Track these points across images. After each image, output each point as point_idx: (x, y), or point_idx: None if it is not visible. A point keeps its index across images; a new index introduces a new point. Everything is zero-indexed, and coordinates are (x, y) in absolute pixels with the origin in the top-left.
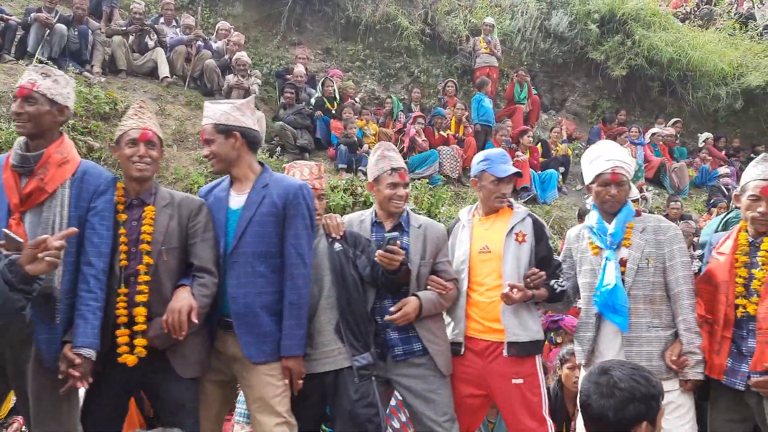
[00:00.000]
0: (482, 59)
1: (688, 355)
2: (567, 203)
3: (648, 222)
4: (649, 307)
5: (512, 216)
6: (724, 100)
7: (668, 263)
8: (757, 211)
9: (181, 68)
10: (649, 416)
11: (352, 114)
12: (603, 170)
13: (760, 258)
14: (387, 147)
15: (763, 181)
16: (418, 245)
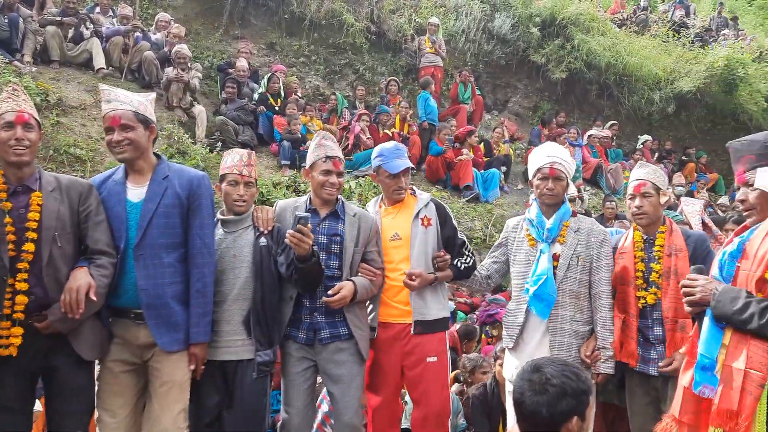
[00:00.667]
0: (427, 59)
1: (601, 351)
2: (508, 202)
3: (582, 224)
4: (574, 302)
5: (416, 202)
6: (658, 104)
7: (595, 264)
8: (634, 207)
9: (117, 59)
10: (580, 410)
11: (296, 110)
12: (542, 165)
13: (655, 252)
14: (324, 136)
15: (637, 181)
16: (353, 233)
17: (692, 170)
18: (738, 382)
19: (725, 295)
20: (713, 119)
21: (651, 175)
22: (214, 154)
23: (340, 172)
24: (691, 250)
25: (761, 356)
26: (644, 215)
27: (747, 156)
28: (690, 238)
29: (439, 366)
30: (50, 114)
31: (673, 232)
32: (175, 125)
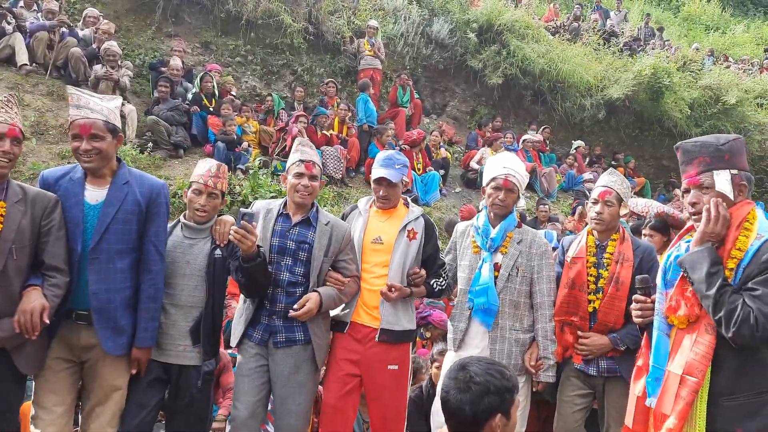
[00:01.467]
0: (366, 61)
1: (543, 360)
2: (447, 205)
3: (526, 235)
4: (513, 311)
5: (407, 214)
6: (589, 111)
7: (536, 275)
8: (594, 212)
9: (42, 56)
10: (503, 408)
11: (231, 110)
12: (497, 175)
13: (605, 259)
14: (302, 142)
15: (603, 188)
16: (323, 242)
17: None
18: (674, 388)
19: (690, 260)
20: (641, 125)
21: (617, 184)
22: (145, 155)
23: (313, 176)
24: (638, 260)
25: (699, 362)
26: (601, 222)
27: (700, 158)
28: (638, 249)
29: (400, 374)
30: None
31: (624, 240)
32: None
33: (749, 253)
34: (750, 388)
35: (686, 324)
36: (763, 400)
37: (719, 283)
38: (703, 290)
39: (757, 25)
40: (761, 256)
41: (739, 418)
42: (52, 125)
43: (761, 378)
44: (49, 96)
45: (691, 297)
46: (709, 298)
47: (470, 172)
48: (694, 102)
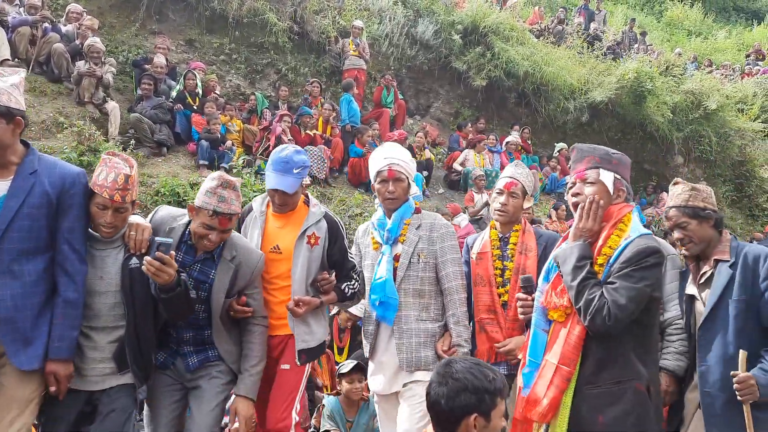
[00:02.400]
0: (351, 61)
1: (457, 347)
2: (430, 206)
3: (424, 219)
4: (418, 300)
5: (307, 216)
6: (572, 113)
7: (440, 259)
8: (498, 203)
9: (24, 51)
10: (481, 409)
11: (215, 109)
12: (381, 168)
13: (509, 251)
14: (225, 183)
15: (508, 179)
16: (224, 281)
17: None
18: (549, 375)
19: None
20: (623, 129)
21: (523, 177)
22: (128, 152)
23: (225, 230)
24: (541, 249)
25: (571, 352)
26: (505, 213)
27: (590, 157)
28: (541, 238)
29: (293, 375)
30: None
31: (526, 231)
32: (87, 122)
33: (617, 251)
34: (611, 377)
35: (564, 317)
36: (623, 389)
37: (583, 276)
38: (569, 281)
39: (738, 31)
40: (625, 254)
41: (601, 406)
42: (35, 121)
43: (621, 369)
44: (31, 92)
45: (563, 291)
46: (572, 288)
47: (453, 173)
48: (675, 106)
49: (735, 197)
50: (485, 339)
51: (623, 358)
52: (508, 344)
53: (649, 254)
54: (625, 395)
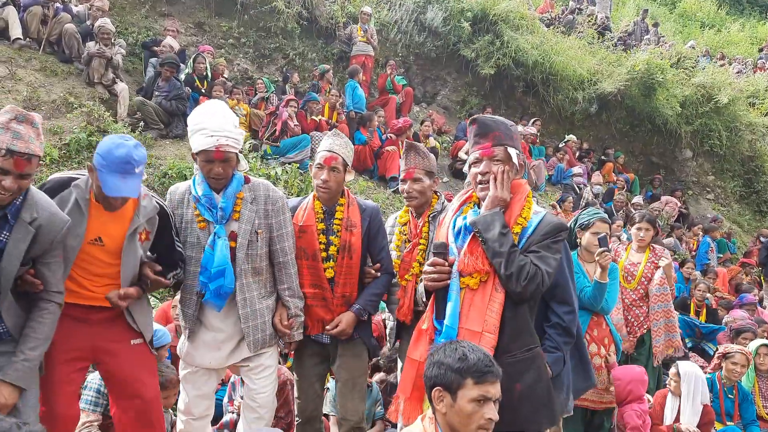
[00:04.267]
0: (358, 47)
1: (295, 318)
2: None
3: (258, 191)
4: (257, 279)
5: (137, 210)
6: (581, 104)
7: (275, 233)
8: (320, 179)
9: (36, 31)
10: (444, 383)
11: (223, 93)
12: (206, 147)
13: (335, 226)
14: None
15: (327, 152)
16: (21, 246)
17: (610, 170)
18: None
19: (483, 221)
20: (632, 121)
21: (343, 148)
22: (137, 133)
23: (23, 175)
24: (366, 224)
25: (495, 320)
26: (327, 190)
27: (496, 132)
28: (365, 212)
29: (144, 350)
30: None
31: (351, 205)
32: (96, 102)
33: (531, 223)
34: (524, 345)
35: (479, 284)
36: (533, 354)
37: (510, 243)
38: (496, 248)
39: (752, 24)
40: (543, 228)
41: (518, 374)
42: (45, 100)
43: (530, 336)
44: (42, 71)
45: (481, 256)
46: (502, 255)
47: (458, 162)
48: (686, 99)
49: (744, 193)
50: (306, 312)
51: (529, 326)
52: (340, 323)
53: (562, 230)
54: (536, 361)
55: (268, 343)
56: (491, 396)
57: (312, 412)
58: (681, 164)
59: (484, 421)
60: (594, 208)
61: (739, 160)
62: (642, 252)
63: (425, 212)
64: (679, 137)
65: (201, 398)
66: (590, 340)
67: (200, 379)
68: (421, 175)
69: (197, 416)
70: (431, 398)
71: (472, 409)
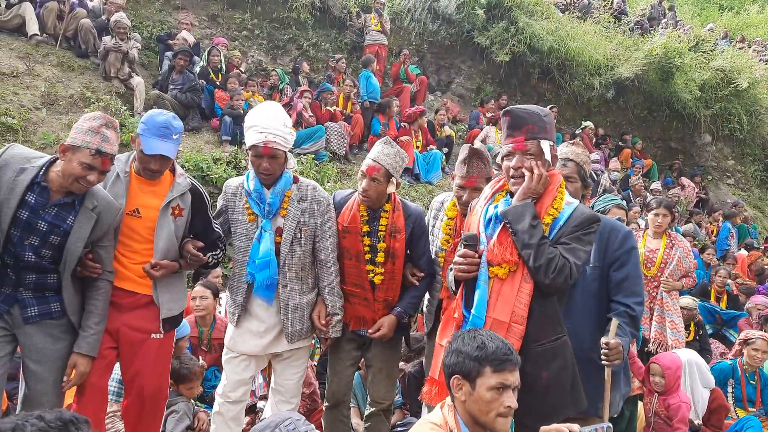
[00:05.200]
0: (372, 36)
1: (332, 316)
2: (449, 183)
3: (305, 191)
4: (300, 274)
5: (172, 187)
6: (597, 90)
7: (319, 232)
8: (361, 187)
9: (52, 26)
10: (462, 371)
11: (238, 84)
12: (256, 142)
13: (379, 232)
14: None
15: (371, 162)
16: (85, 230)
17: (628, 156)
18: (502, 335)
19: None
20: (649, 106)
21: (389, 159)
22: None
23: (104, 172)
24: (409, 230)
25: (522, 310)
26: (368, 199)
27: (529, 125)
28: (410, 218)
29: (164, 344)
30: None
31: (396, 210)
32: (113, 96)
33: (564, 214)
34: (552, 333)
35: (507, 274)
36: (561, 343)
37: (541, 235)
38: (526, 239)
39: None
40: (574, 219)
41: (545, 362)
42: (62, 95)
43: (557, 325)
44: (59, 66)
45: (510, 247)
46: (531, 247)
47: None
48: (704, 83)
49: (764, 177)
50: (348, 308)
51: (557, 314)
52: (382, 327)
53: (594, 221)
54: (564, 349)
55: (304, 336)
56: (510, 384)
57: (343, 397)
58: (700, 149)
59: (504, 409)
60: (610, 194)
61: (759, 144)
62: (659, 238)
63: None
64: (698, 122)
65: (239, 383)
66: None
67: (241, 364)
68: (483, 185)
69: (233, 400)
70: (450, 386)
71: (491, 396)
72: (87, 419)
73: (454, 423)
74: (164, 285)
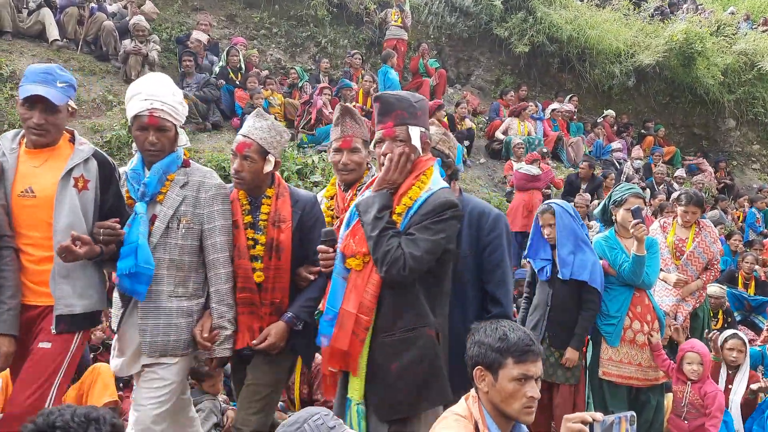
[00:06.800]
0: (392, 32)
1: (219, 330)
2: (471, 176)
3: (193, 176)
4: (175, 274)
5: (72, 154)
6: (618, 78)
7: (206, 226)
8: (233, 168)
9: (73, 31)
10: (485, 363)
11: (257, 83)
12: (139, 111)
13: (261, 221)
14: None
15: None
16: None
17: (651, 144)
18: (349, 325)
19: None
20: (671, 93)
21: (262, 133)
22: None
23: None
24: (297, 219)
25: (369, 301)
26: (241, 181)
27: (398, 111)
28: (298, 204)
29: (52, 354)
30: (4, 87)
31: (280, 196)
32: None
33: (418, 202)
34: (405, 324)
35: (362, 266)
36: (415, 335)
37: (382, 227)
38: (368, 231)
39: None
40: (425, 207)
41: (396, 353)
42: (85, 100)
43: (414, 316)
44: (80, 71)
45: (362, 238)
46: (371, 239)
47: (495, 142)
48: (727, 68)
49: None
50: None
51: (415, 305)
52: (269, 336)
53: (448, 207)
54: (418, 341)
55: (169, 352)
56: (532, 374)
57: None
58: (724, 134)
59: (527, 399)
60: (628, 183)
61: None
62: (688, 227)
63: (354, 185)
64: (721, 107)
65: None
66: (633, 317)
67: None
68: (359, 145)
69: None
70: (473, 377)
71: (514, 387)
72: (116, 422)
73: (479, 414)
74: (66, 274)
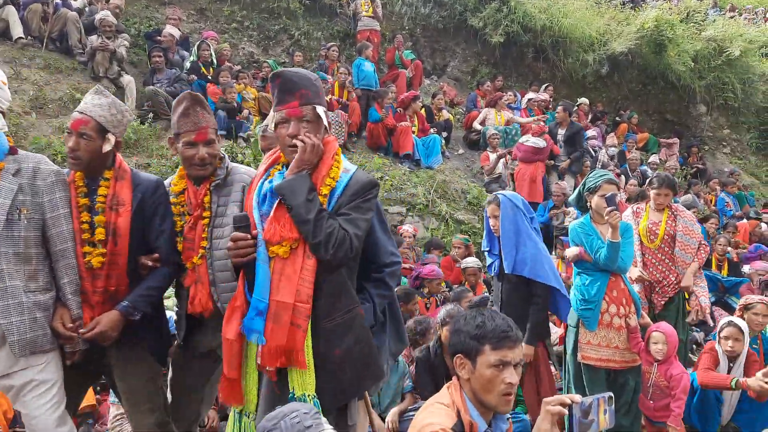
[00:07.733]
0: (363, 23)
1: (79, 321)
2: (450, 167)
3: (25, 163)
4: (24, 267)
5: None
6: (592, 66)
7: (49, 215)
8: (67, 146)
9: (37, 28)
10: (464, 351)
11: (230, 78)
12: None
13: (98, 204)
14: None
15: (77, 114)
16: None
17: (624, 131)
18: (286, 317)
19: (289, 186)
20: (644, 80)
21: (100, 110)
22: (146, 126)
23: None
24: (137, 201)
25: (308, 288)
26: (76, 161)
27: (303, 90)
28: (139, 187)
29: None
30: None
31: (120, 179)
32: None
33: (341, 183)
34: (342, 308)
35: (289, 252)
36: (352, 316)
37: (318, 209)
38: (303, 215)
39: None
40: (352, 187)
41: (337, 338)
42: (51, 99)
43: (347, 298)
44: (46, 69)
45: (288, 223)
46: (308, 222)
47: (473, 133)
48: (697, 54)
49: (760, 144)
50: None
51: (346, 287)
52: (98, 324)
53: (372, 186)
54: (354, 322)
55: (38, 348)
56: (509, 360)
57: None
58: (696, 120)
59: (505, 386)
60: (602, 170)
61: (754, 112)
62: (661, 211)
63: (208, 180)
64: (692, 93)
65: None
66: (609, 301)
67: None
68: (213, 136)
69: None
70: (454, 366)
71: (492, 374)
72: None
73: (461, 401)
74: None
